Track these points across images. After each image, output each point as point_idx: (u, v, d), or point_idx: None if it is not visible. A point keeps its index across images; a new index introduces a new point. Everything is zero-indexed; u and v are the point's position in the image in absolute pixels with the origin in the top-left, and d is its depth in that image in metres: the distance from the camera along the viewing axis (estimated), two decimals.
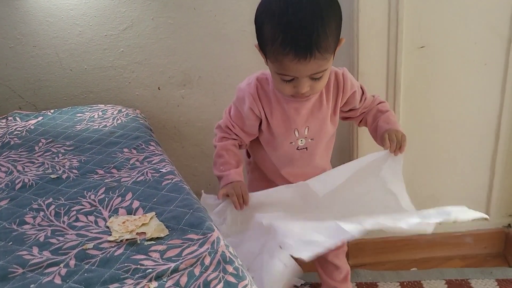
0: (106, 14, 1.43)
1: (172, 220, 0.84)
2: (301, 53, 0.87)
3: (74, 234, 0.82)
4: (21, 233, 0.83)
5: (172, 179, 0.98)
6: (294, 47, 0.87)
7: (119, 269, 0.73)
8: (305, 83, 0.93)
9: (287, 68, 0.91)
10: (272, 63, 0.94)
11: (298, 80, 0.93)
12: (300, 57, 0.88)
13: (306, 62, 0.88)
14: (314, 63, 0.89)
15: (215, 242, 0.78)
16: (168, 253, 0.76)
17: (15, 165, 1.07)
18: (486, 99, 1.35)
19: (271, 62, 0.94)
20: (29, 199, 0.93)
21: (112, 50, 1.47)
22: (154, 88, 1.52)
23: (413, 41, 1.28)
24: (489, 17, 1.26)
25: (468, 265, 1.49)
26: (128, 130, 1.22)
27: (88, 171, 1.03)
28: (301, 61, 0.88)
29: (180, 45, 1.47)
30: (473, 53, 1.30)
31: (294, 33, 0.87)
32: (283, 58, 0.89)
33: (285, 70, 0.92)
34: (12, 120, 1.32)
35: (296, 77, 0.93)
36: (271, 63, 0.94)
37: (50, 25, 1.43)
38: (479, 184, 1.46)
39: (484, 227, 1.51)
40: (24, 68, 1.47)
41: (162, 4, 1.42)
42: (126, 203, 0.90)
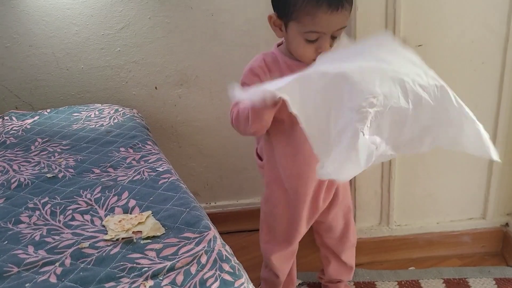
0: (103, 14, 1.42)
1: (169, 218, 0.84)
2: (333, 4, 0.92)
3: (70, 233, 0.82)
4: (16, 232, 0.83)
5: (169, 178, 0.97)
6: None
7: (115, 267, 0.73)
8: (328, 41, 0.97)
9: (319, 22, 0.94)
10: (300, 22, 0.96)
11: (322, 39, 0.96)
12: (333, 7, 0.92)
13: (337, 13, 0.93)
14: (342, 15, 0.94)
15: (212, 240, 0.77)
16: (165, 251, 0.75)
17: (11, 164, 1.06)
18: (483, 97, 1.35)
19: (299, 21, 0.96)
20: (24, 198, 0.93)
21: (109, 50, 1.46)
22: (151, 87, 1.51)
23: (410, 40, 1.28)
24: (486, 15, 1.26)
25: (466, 264, 1.49)
26: (125, 129, 1.21)
27: (84, 170, 1.02)
28: (333, 12, 0.92)
29: (177, 45, 1.46)
30: (471, 52, 1.30)
31: None
32: (316, 11, 0.93)
33: (315, 25, 0.94)
34: (9, 119, 1.31)
35: (323, 33, 0.96)
36: (298, 23, 0.96)
37: (46, 24, 1.43)
38: (477, 183, 1.46)
39: (481, 226, 1.50)
40: (21, 67, 1.47)
41: (159, 3, 1.41)
42: (122, 202, 0.90)
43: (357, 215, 1.48)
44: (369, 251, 1.51)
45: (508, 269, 1.44)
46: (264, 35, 1.42)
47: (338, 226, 1.25)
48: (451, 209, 1.50)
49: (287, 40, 1.02)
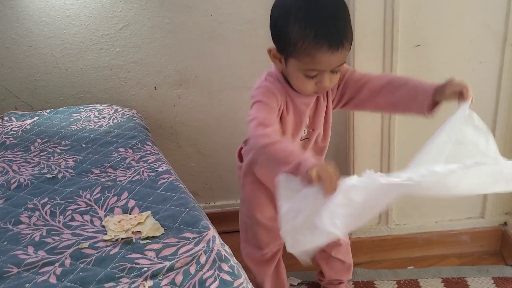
0: (102, 14, 1.43)
1: (168, 219, 0.84)
2: (334, 45, 0.92)
3: (70, 234, 0.82)
4: (16, 233, 0.83)
5: (168, 178, 0.98)
6: (327, 39, 0.92)
7: (114, 268, 0.73)
8: (328, 76, 0.98)
9: (319, 62, 0.95)
10: (300, 61, 0.96)
11: (322, 75, 0.98)
12: (333, 48, 0.92)
13: (337, 53, 0.94)
14: (341, 54, 0.95)
15: (211, 240, 0.78)
16: (164, 251, 0.76)
17: (11, 165, 1.06)
18: (481, 97, 1.35)
19: (299, 60, 0.96)
20: (24, 199, 0.93)
21: (108, 50, 1.47)
22: (150, 87, 1.52)
23: (408, 40, 1.28)
24: (484, 15, 1.26)
25: (465, 263, 1.49)
26: (124, 129, 1.22)
27: (84, 170, 1.03)
28: (334, 52, 0.93)
29: (176, 45, 1.47)
30: (469, 51, 1.31)
31: (326, 26, 0.93)
32: (316, 52, 0.93)
33: (315, 64, 0.95)
34: (8, 120, 1.32)
35: (323, 71, 0.97)
36: (298, 61, 0.97)
37: (46, 25, 1.43)
38: None
39: (480, 226, 1.51)
40: (20, 68, 1.47)
41: (158, 3, 1.42)
42: (121, 202, 0.90)
43: None
44: (368, 250, 1.51)
45: (507, 268, 1.45)
46: (264, 35, 1.42)
47: None
48: (450, 209, 1.50)
49: (287, 72, 1.02)
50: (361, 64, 1.31)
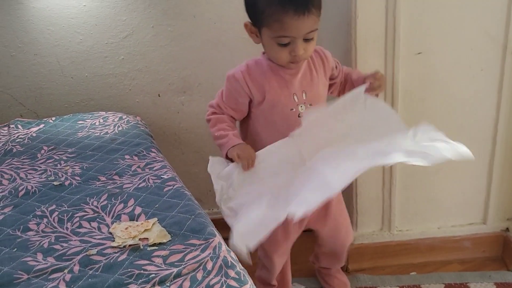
0: (107, 23, 1.44)
1: (174, 225, 0.85)
2: (299, 9, 0.96)
3: (78, 240, 0.83)
4: (25, 240, 0.84)
5: (174, 185, 0.99)
6: (293, 4, 0.96)
7: (122, 274, 0.74)
8: (301, 45, 1.01)
9: (287, 27, 0.98)
10: (270, 28, 1.00)
11: (295, 42, 1.01)
12: (299, 12, 0.96)
13: (304, 18, 0.97)
14: (310, 19, 0.98)
15: (217, 247, 0.79)
16: (171, 258, 0.77)
17: (18, 172, 1.08)
18: (482, 104, 1.37)
19: (269, 27, 1.00)
20: (32, 206, 0.94)
21: (113, 58, 1.48)
22: (154, 95, 1.53)
23: (410, 47, 1.30)
24: (485, 23, 1.28)
25: (467, 269, 1.50)
26: (129, 137, 1.23)
27: (90, 178, 1.04)
28: (300, 17, 0.97)
29: (180, 53, 1.48)
30: (470, 59, 1.32)
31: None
32: (283, 17, 0.97)
33: (284, 30, 0.99)
34: (14, 127, 1.33)
35: (293, 37, 1.00)
36: (269, 29, 1.00)
37: (51, 33, 1.45)
38: (477, 188, 1.48)
39: (482, 231, 1.52)
40: (26, 76, 1.49)
41: (162, 12, 1.44)
42: (128, 209, 0.92)
43: (359, 221, 1.50)
44: (370, 256, 1.52)
45: (509, 274, 1.45)
46: None
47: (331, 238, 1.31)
48: (452, 214, 1.51)
49: (263, 45, 1.07)
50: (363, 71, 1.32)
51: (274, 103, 1.10)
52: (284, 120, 1.11)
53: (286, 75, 1.10)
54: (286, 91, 1.10)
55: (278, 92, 1.10)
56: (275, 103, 1.10)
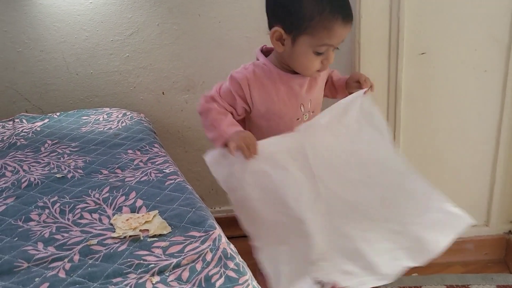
0: (113, 20, 1.46)
1: (175, 218, 0.86)
2: (347, 17, 0.98)
3: (79, 231, 0.84)
4: (26, 229, 0.85)
5: (175, 179, 0.99)
6: (342, 13, 0.97)
7: (122, 264, 0.74)
8: (332, 53, 1.03)
9: (334, 34, 0.99)
10: (314, 36, 0.99)
11: (329, 51, 1.02)
12: (346, 21, 0.98)
13: (348, 26, 0.99)
14: (350, 28, 1.01)
15: (217, 239, 0.79)
16: (171, 249, 0.77)
17: (21, 165, 1.09)
18: (486, 105, 1.37)
19: (313, 35, 0.99)
20: (34, 197, 0.95)
21: (118, 55, 1.49)
22: (158, 92, 1.54)
23: (413, 48, 1.30)
24: (489, 24, 1.28)
25: (469, 271, 1.49)
26: (133, 132, 1.24)
27: (93, 171, 1.05)
28: (346, 25, 0.99)
29: (185, 51, 1.49)
30: (473, 60, 1.32)
31: (339, 1, 0.99)
32: (333, 24, 0.98)
33: (330, 38, 0.99)
34: (19, 122, 1.34)
35: (331, 46, 1.01)
36: (312, 37, 0.99)
37: (57, 30, 1.46)
38: (480, 190, 1.47)
39: (485, 234, 1.51)
40: (31, 72, 1.50)
41: (168, 10, 1.45)
42: (129, 201, 0.92)
43: None
44: None
45: (511, 277, 1.44)
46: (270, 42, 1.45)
47: None
48: None
49: (289, 53, 1.03)
50: (367, 71, 1.32)
51: (282, 114, 1.09)
52: (289, 129, 1.09)
53: (296, 85, 1.08)
54: (295, 101, 1.09)
55: (286, 103, 1.09)
56: (282, 114, 1.09)
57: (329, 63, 1.04)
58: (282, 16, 1.01)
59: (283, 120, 1.10)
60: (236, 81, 1.07)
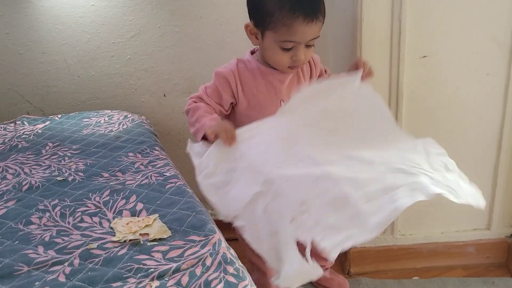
0: (114, 22, 1.46)
1: (175, 222, 0.86)
2: (309, 16, 0.98)
3: (79, 234, 0.84)
4: (27, 233, 0.85)
5: (176, 183, 0.99)
6: (303, 10, 0.97)
7: (122, 268, 0.74)
8: (302, 50, 1.03)
9: (294, 32, 0.99)
10: (276, 32, 1.01)
11: (297, 48, 1.02)
12: (308, 19, 0.98)
13: (311, 24, 0.99)
14: (316, 26, 1.00)
15: (217, 243, 0.79)
16: (170, 253, 0.77)
17: (22, 167, 1.09)
18: (488, 109, 1.36)
19: (275, 31, 1.01)
20: (35, 200, 0.95)
21: (119, 57, 1.49)
22: (159, 95, 1.54)
23: (415, 51, 1.30)
24: (491, 27, 1.28)
25: (470, 275, 1.49)
26: (134, 135, 1.24)
27: (94, 174, 1.05)
28: (309, 23, 0.98)
29: (186, 53, 1.49)
30: (475, 63, 1.32)
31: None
32: (292, 22, 0.98)
33: (290, 35, 1.00)
34: (20, 124, 1.34)
35: (298, 43, 1.01)
36: (275, 32, 1.01)
37: (59, 32, 1.47)
38: (482, 193, 1.46)
39: (486, 237, 1.50)
40: (33, 74, 1.50)
41: (169, 12, 1.45)
42: (130, 205, 0.92)
43: None
44: (373, 260, 1.51)
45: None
46: None
47: None
48: (456, 219, 1.50)
49: (262, 48, 1.07)
50: None
51: (262, 107, 1.11)
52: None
53: (275, 80, 1.11)
54: (274, 96, 1.11)
55: (266, 97, 1.11)
56: (262, 107, 1.11)
57: (300, 60, 1.03)
58: (251, 11, 1.05)
59: (263, 114, 1.07)
60: (223, 76, 1.10)
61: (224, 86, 1.10)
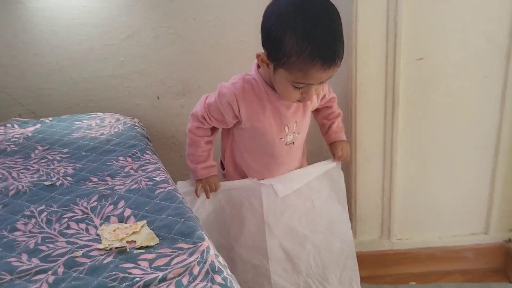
0: (107, 24, 1.44)
1: (163, 228, 0.84)
2: (327, 64, 0.95)
3: (64, 242, 0.82)
4: (11, 240, 0.83)
5: (166, 188, 0.97)
6: (322, 58, 0.94)
7: (107, 277, 0.72)
8: (314, 88, 1.01)
9: (310, 78, 0.97)
10: (290, 73, 0.98)
11: (310, 87, 1.00)
12: (326, 67, 0.95)
13: (329, 71, 0.96)
14: (333, 71, 0.98)
15: (205, 251, 0.77)
16: (157, 262, 0.75)
17: (10, 171, 1.07)
18: (485, 111, 1.34)
19: (290, 72, 0.98)
20: (22, 206, 0.93)
21: (113, 59, 1.48)
22: (153, 97, 1.52)
23: (411, 53, 1.28)
24: (488, 29, 1.26)
25: (468, 280, 1.47)
26: (125, 138, 1.22)
27: (82, 178, 1.03)
28: (326, 70, 0.96)
29: (180, 55, 1.48)
30: (473, 66, 1.30)
31: (322, 44, 0.94)
32: (309, 69, 0.95)
33: (306, 79, 0.98)
34: (11, 127, 1.32)
35: (312, 84, 0.99)
36: (289, 73, 0.98)
37: (51, 34, 1.45)
38: (479, 197, 1.45)
39: (484, 242, 1.49)
40: (25, 76, 1.48)
41: (163, 14, 1.43)
42: (118, 211, 0.90)
43: (358, 228, 1.47)
44: (369, 265, 1.49)
45: (511, 286, 1.42)
46: None
47: None
48: (453, 224, 1.48)
49: (273, 79, 1.04)
50: (363, 78, 1.31)
51: (266, 132, 1.11)
52: (271, 147, 1.13)
53: (282, 107, 1.10)
54: (279, 121, 1.11)
55: (271, 122, 1.10)
56: (266, 132, 1.11)
57: (310, 97, 1.03)
58: (266, 43, 1.01)
59: (265, 137, 1.12)
60: (225, 99, 1.08)
61: (226, 109, 1.09)
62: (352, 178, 1.42)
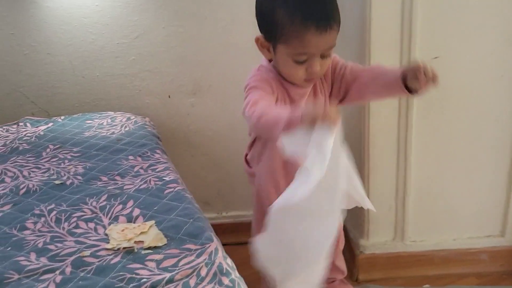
0: (119, 23, 1.44)
1: (172, 229, 0.83)
2: (322, 25, 0.93)
3: (73, 241, 0.82)
4: (20, 239, 0.83)
5: (175, 188, 0.97)
6: (315, 20, 0.93)
7: (114, 277, 0.72)
8: (318, 61, 0.98)
9: (308, 44, 0.95)
10: (288, 45, 0.96)
11: (312, 60, 0.98)
12: (321, 29, 0.93)
13: (325, 34, 0.94)
14: (330, 36, 0.95)
15: (213, 252, 0.76)
16: (165, 263, 0.74)
17: (21, 170, 1.07)
18: (502, 111, 1.31)
19: (287, 44, 0.96)
20: (31, 205, 0.93)
21: (124, 58, 1.48)
22: (164, 96, 1.52)
23: (426, 52, 1.25)
24: (505, 27, 1.23)
25: (484, 283, 1.43)
26: (135, 137, 1.22)
27: (92, 177, 1.03)
28: (322, 33, 0.94)
29: (191, 54, 1.47)
30: (489, 65, 1.27)
31: (313, 8, 0.94)
32: (304, 34, 0.94)
33: (304, 47, 0.95)
34: (23, 125, 1.33)
35: (312, 54, 0.97)
36: (287, 45, 0.97)
37: (64, 33, 1.45)
38: (496, 199, 1.41)
39: (500, 244, 1.45)
40: (38, 74, 1.49)
41: (174, 13, 1.42)
42: (127, 210, 0.90)
43: (371, 230, 1.45)
44: (382, 267, 1.47)
45: None
46: None
47: None
48: (469, 226, 1.45)
49: (276, 62, 1.03)
50: None
51: None
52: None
53: (296, 96, 1.07)
54: None
55: None
56: None
57: (315, 72, 0.99)
58: (261, 24, 1.01)
59: None
60: (264, 79, 1.01)
61: (268, 87, 1.01)
62: (365, 179, 1.39)
